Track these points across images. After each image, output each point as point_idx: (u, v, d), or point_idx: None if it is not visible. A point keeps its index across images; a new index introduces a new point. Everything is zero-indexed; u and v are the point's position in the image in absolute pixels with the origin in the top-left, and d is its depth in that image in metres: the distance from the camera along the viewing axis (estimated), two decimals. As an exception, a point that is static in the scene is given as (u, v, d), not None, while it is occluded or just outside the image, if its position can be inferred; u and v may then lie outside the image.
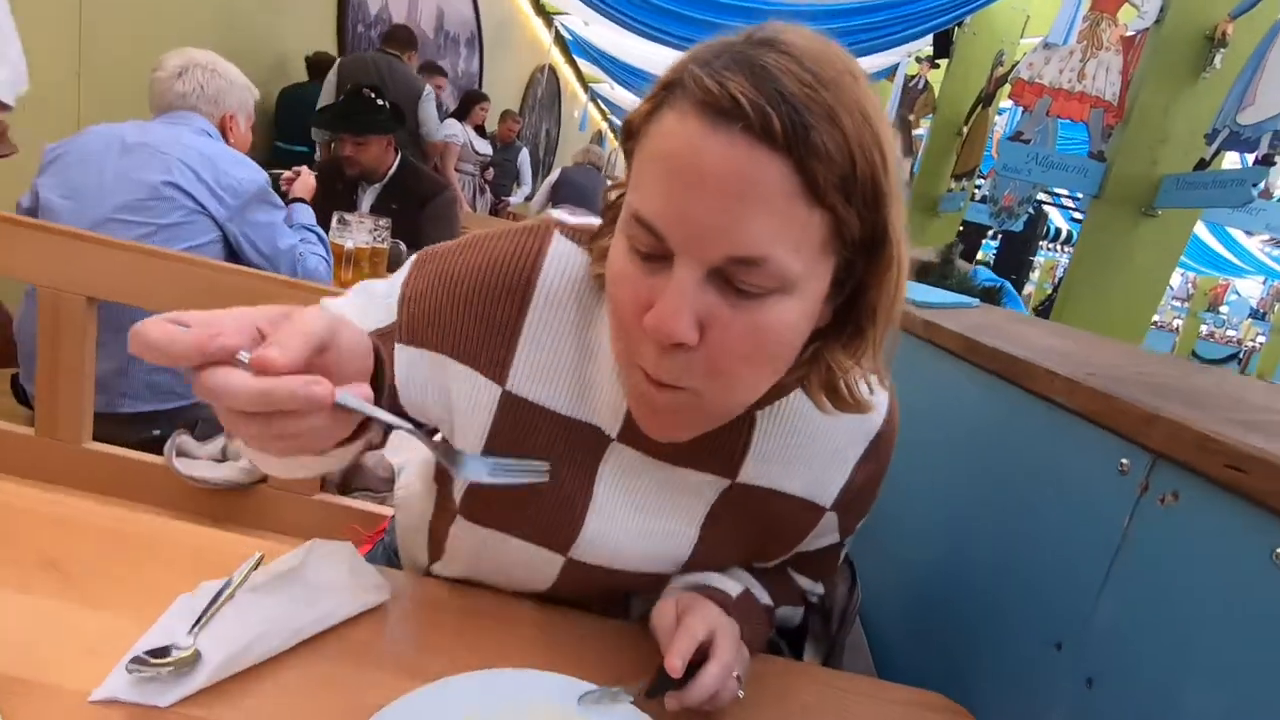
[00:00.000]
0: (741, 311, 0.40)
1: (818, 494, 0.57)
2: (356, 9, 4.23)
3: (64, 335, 1.02)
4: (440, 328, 0.52)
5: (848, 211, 0.39)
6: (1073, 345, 0.70)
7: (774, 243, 0.38)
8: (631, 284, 0.41)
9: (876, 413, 0.56)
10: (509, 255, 0.52)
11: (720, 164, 0.37)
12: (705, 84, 0.37)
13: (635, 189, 0.41)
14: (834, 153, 0.37)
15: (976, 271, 1.86)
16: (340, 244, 1.62)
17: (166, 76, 1.34)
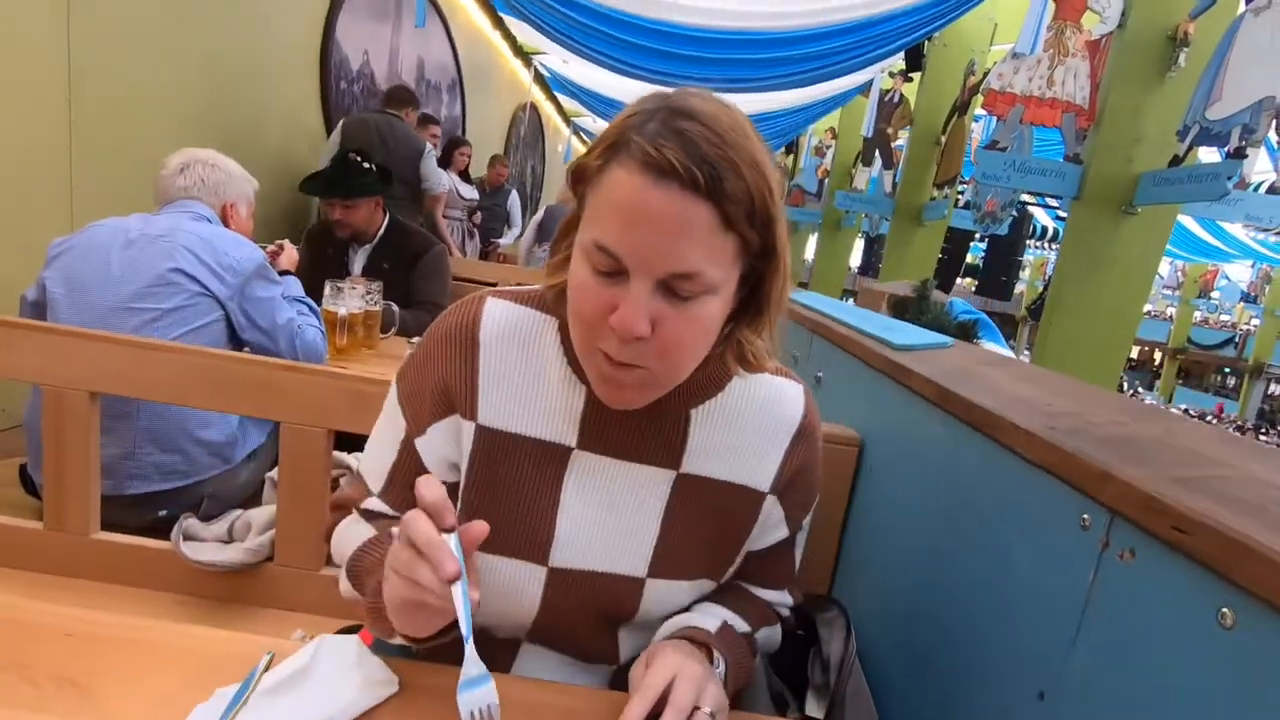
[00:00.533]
0: (681, 310, 0.54)
1: (756, 480, 0.67)
2: (339, 66, 4.33)
3: (68, 430, 1.05)
4: (430, 400, 0.65)
5: (750, 234, 0.54)
6: (1038, 391, 0.73)
7: (702, 261, 0.53)
8: (595, 294, 0.54)
9: (795, 405, 0.68)
10: (454, 323, 0.66)
11: (662, 208, 0.51)
12: (647, 149, 0.51)
13: (594, 224, 0.54)
14: (739, 195, 0.52)
15: (953, 304, 1.89)
16: (334, 311, 1.65)
17: (169, 173, 1.43)
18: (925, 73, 6.70)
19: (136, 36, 2.46)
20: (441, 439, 0.66)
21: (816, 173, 9.40)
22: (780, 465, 0.67)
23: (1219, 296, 18.08)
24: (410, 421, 0.67)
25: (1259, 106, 3.73)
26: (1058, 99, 4.70)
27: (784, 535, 0.71)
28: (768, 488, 0.67)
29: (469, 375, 0.64)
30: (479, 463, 0.64)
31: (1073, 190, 4.49)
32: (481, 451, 0.64)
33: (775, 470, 0.67)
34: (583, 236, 0.56)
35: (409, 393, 0.67)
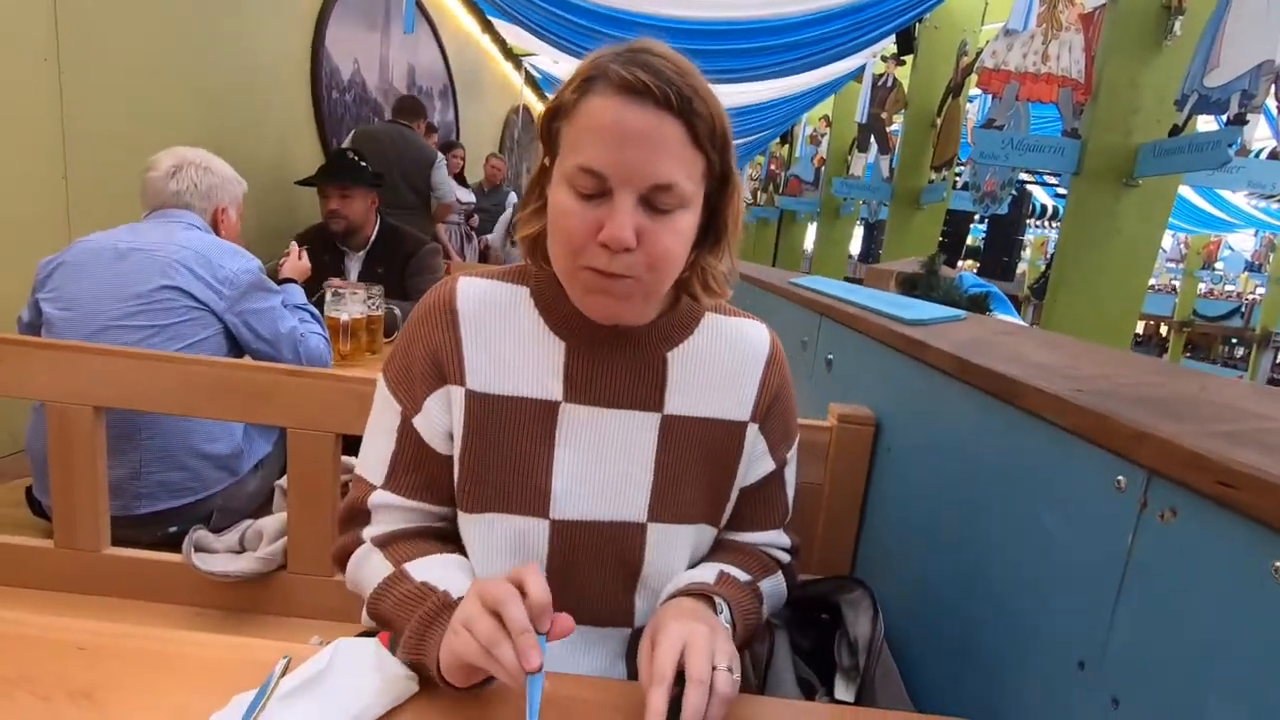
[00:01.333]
0: (661, 222, 0.59)
1: (735, 412, 0.71)
2: (330, 76, 4.32)
3: (75, 447, 1.04)
4: (420, 374, 0.68)
5: (713, 154, 0.61)
6: (1061, 357, 0.71)
7: (677, 173, 0.58)
8: (579, 215, 0.58)
9: (762, 338, 0.74)
10: (430, 302, 0.70)
11: (641, 125, 0.57)
12: (622, 74, 0.57)
13: (575, 150, 0.59)
14: (704, 115, 0.59)
15: (962, 278, 1.86)
16: (336, 317, 1.64)
17: (160, 176, 1.38)
18: (917, 55, 6.65)
19: (127, 54, 2.46)
20: (438, 410, 0.68)
21: (812, 161, 9.36)
22: (757, 394, 0.71)
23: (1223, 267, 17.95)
24: (405, 402, 0.69)
25: (1258, 71, 3.69)
26: (1053, 74, 4.66)
27: (771, 468, 0.74)
28: (749, 416, 0.71)
29: (453, 344, 0.67)
30: (472, 428, 0.67)
31: (1072, 165, 4.45)
32: (473, 417, 0.67)
33: (753, 399, 0.71)
34: (563, 165, 0.60)
35: (398, 377, 0.70)
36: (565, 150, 0.60)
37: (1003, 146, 4.68)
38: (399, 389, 0.69)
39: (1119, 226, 4.32)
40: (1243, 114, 3.75)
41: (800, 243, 11.26)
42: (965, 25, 6.40)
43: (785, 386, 0.74)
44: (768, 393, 0.72)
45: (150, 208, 1.38)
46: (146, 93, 2.56)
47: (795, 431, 0.77)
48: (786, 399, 0.75)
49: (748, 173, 12.86)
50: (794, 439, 0.77)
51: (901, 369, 0.95)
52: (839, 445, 1.01)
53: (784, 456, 0.75)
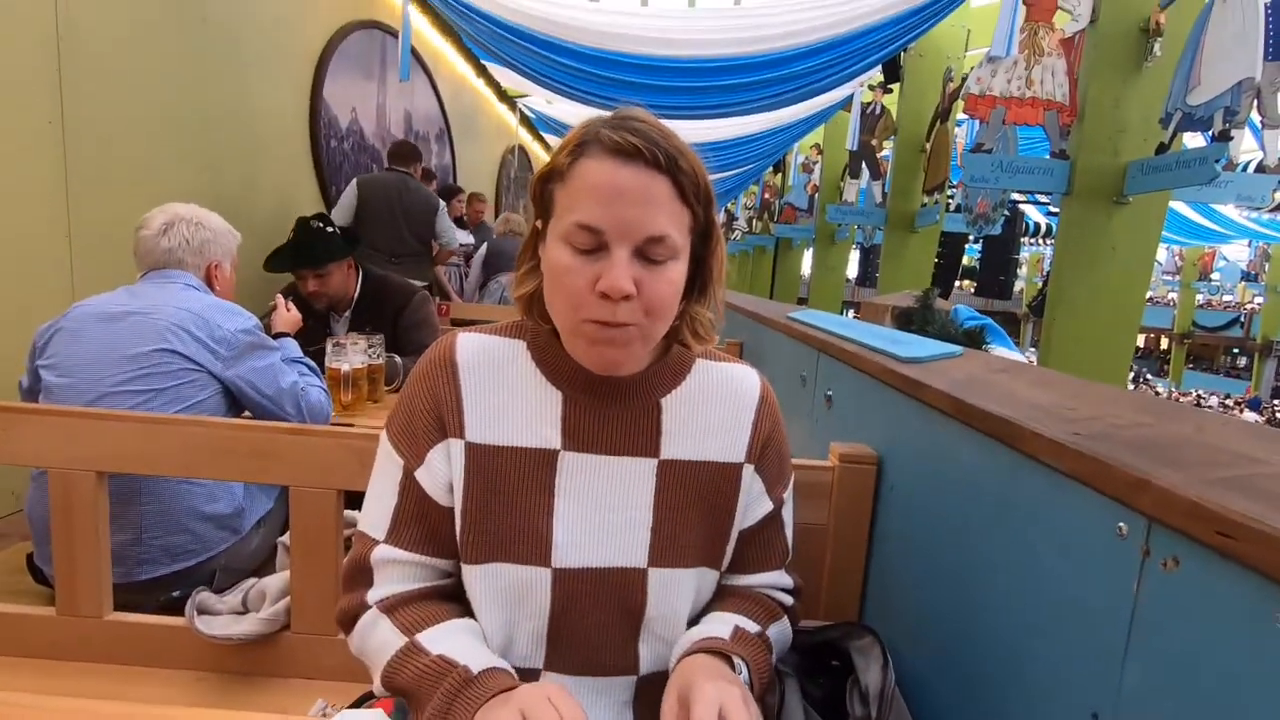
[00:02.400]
0: (654, 272, 0.62)
1: (730, 454, 0.72)
2: (328, 125, 4.41)
3: (77, 513, 1.04)
4: (423, 428, 0.69)
5: (698, 208, 0.65)
6: (1056, 396, 0.71)
7: (668, 226, 0.62)
8: (578, 271, 0.62)
9: (752, 382, 0.76)
10: (431, 358, 0.72)
11: (634, 183, 0.61)
12: (613, 138, 0.62)
13: (571, 210, 0.62)
14: (689, 173, 0.63)
15: (957, 311, 1.87)
16: (337, 368, 1.65)
17: (152, 234, 1.38)
18: (904, 83, 6.78)
19: (129, 110, 2.51)
20: (440, 462, 0.69)
21: (806, 189, 9.47)
22: (750, 435, 0.73)
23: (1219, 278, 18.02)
24: (408, 456, 0.70)
25: (1238, 89, 3.75)
26: (1038, 98, 4.74)
27: (769, 508, 0.75)
28: (743, 457, 0.73)
29: (454, 397, 0.69)
30: (472, 479, 0.68)
31: (1062, 185, 4.51)
32: (473, 468, 0.68)
33: (746, 441, 0.73)
34: (560, 225, 0.63)
35: (401, 432, 0.71)
36: (560, 211, 0.64)
37: (992, 169, 4.74)
38: (401, 443, 0.71)
39: (1112, 243, 4.36)
40: (1227, 130, 3.80)
41: (797, 269, 11.34)
42: (949, 53, 6.54)
43: (778, 428, 0.76)
44: (760, 434, 0.74)
45: (145, 267, 1.38)
46: (148, 148, 2.61)
47: (790, 472, 0.79)
48: (779, 440, 0.77)
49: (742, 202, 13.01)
50: (789, 479, 0.78)
51: (901, 407, 0.95)
52: (841, 485, 1.01)
53: (781, 496, 0.77)
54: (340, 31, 4.40)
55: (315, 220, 2.02)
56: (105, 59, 2.37)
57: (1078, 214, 4.41)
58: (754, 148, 7.94)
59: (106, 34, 2.38)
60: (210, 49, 3.03)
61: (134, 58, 2.53)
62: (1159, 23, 4.20)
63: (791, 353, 1.63)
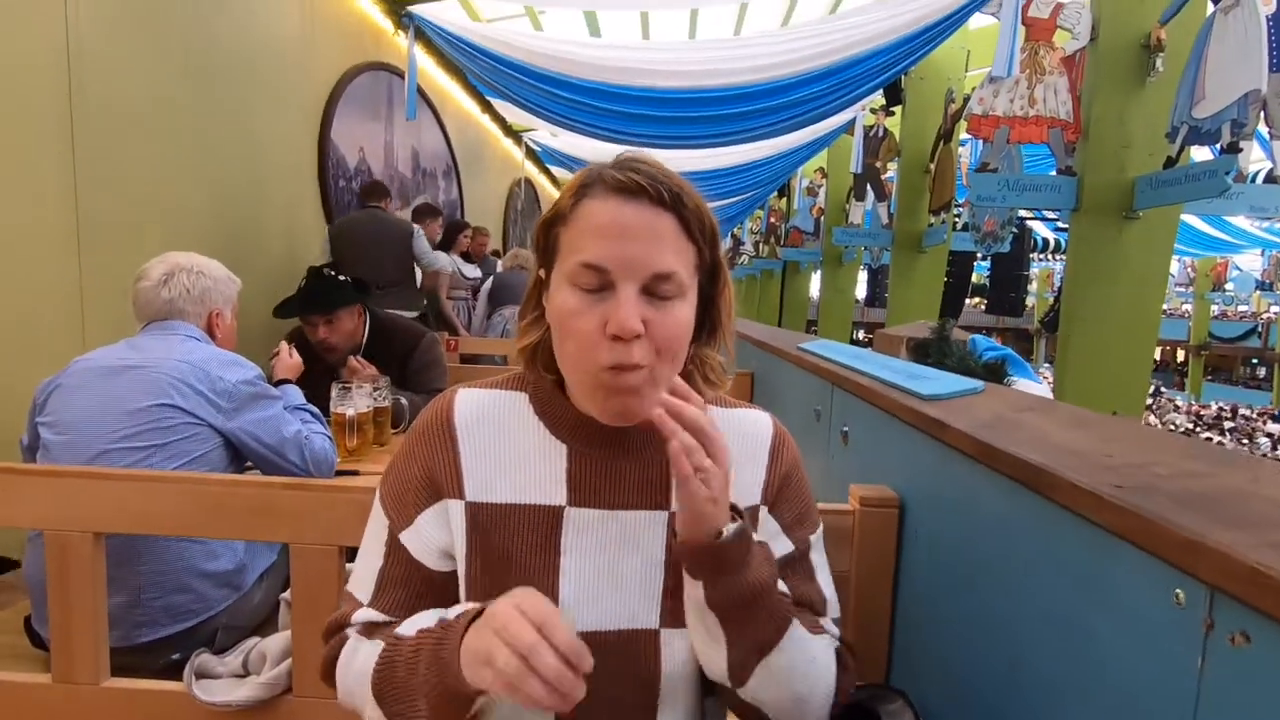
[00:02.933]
0: (663, 310, 0.61)
1: (744, 497, 0.68)
2: (336, 165, 4.46)
3: (73, 575, 1.01)
4: (414, 492, 0.67)
5: (703, 245, 0.64)
6: (1091, 440, 0.67)
7: (674, 262, 0.61)
8: (586, 313, 0.60)
9: (765, 424, 0.73)
10: (428, 419, 0.70)
11: (638, 220, 0.61)
12: (617, 177, 0.61)
13: (576, 251, 0.61)
14: (693, 209, 0.62)
15: (975, 342, 1.82)
16: (342, 412, 1.62)
17: (151, 285, 1.36)
18: (906, 106, 6.82)
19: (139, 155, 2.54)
20: (431, 526, 0.67)
21: (811, 212, 9.49)
22: (765, 477, 0.70)
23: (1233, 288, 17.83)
24: (394, 517, 0.68)
25: (1245, 100, 3.73)
26: (1041, 116, 4.74)
27: (789, 549, 0.70)
28: (759, 499, 0.70)
29: (451, 460, 0.67)
30: (474, 539, 0.66)
31: (1070, 202, 4.48)
32: (475, 527, 0.66)
33: (761, 482, 0.70)
34: (564, 266, 0.62)
35: (391, 492, 0.69)
36: (565, 252, 0.63)
37: (999, 188, 4.73)
38: (389, 503, 0.69)
39: (1125, 258, 4.32)
40: (1235, 142, 3.78)
41: (805, 291, 11.32)
42: (950, 74, 6.57)
43: (796, 469, 0.73)
44: (776, 475, 0.71)
45: (145, 318, 1.36)
46: (157, 194, 2.64)
47: (815, 517, 0.74)
48: (799, 482, 0.73)
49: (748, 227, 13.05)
50: (814, 523, 0.74)
51: (922, 447, 0.91)
52: (863, 530, 0.96)
53: (805, 539, 0.72)
54: (347, 74, 4.48)
55: (326, 269, 2.03)
56: (115, 107, 2.40)
57: (1087, 230, 4.38)
58: (758, 173, 7.99)
59: (116, 83, 2.42)
60: (219, 95, 3.07)
61: (144, 106, 2.57)
62: (1160, 38, 4.20)
63: (804, 386, 1.59)
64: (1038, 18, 4.65)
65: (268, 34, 3.55)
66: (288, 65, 3.77)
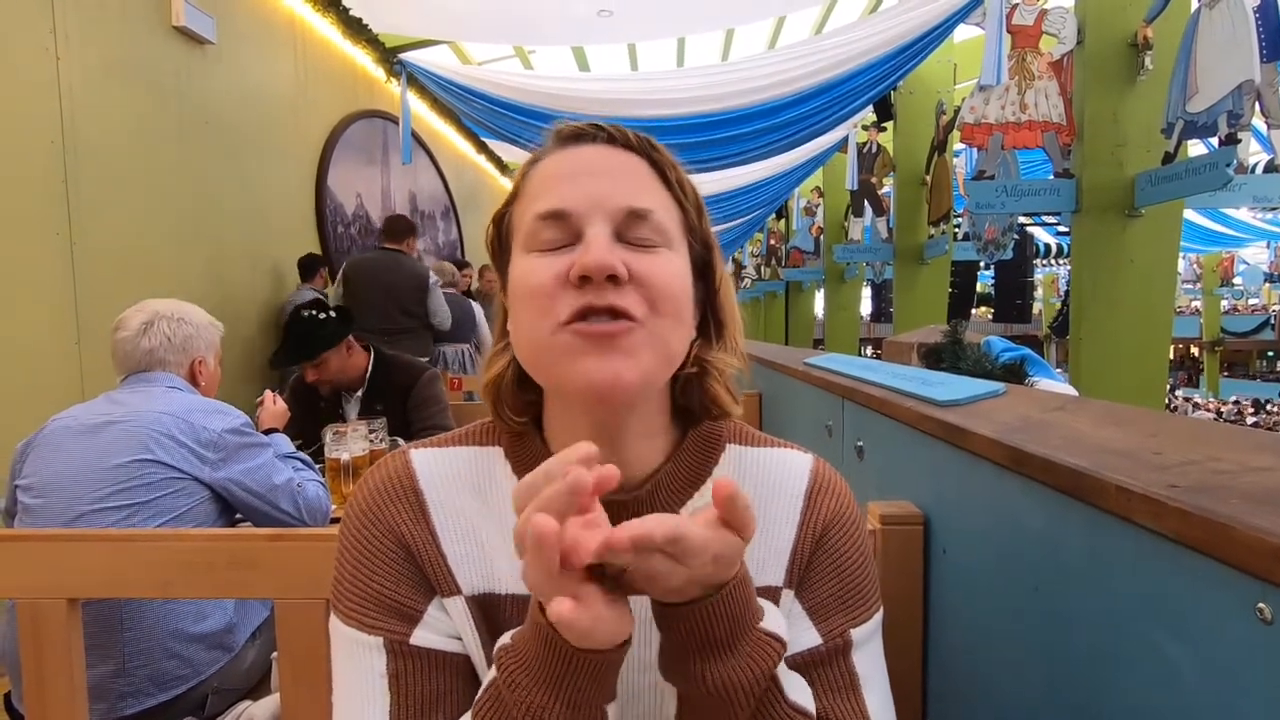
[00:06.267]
0: (645, 257, 0.48)
1: (766, 574, 0.53)
2: (334, 212, 4.49)
3: (47, 647, 0.95)
4: (407, 582, 0.52)
5: (687, 206, 0.52)
6: (1135, 436, 0.61)
7: (652, 201, 0.49)
8: (546, 266, 0.47)
9: (798, 472, 0.56)
10: (380, 481, 0.54)
11: (597, 159, 0.50)
12: (563, 128, 0.52)
13: (529, 211, 0.49)
14: (668, 161, 0.52)
15: (990, 344, 1.76)
16: (337, 458, 1.57)
17: (131, 335, 1.31)
18: (897, 121, 6.86)
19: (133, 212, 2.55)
20: (439, 611, 0.52)
21: (810, 231, 9.51)
22: (792, 545, 0.54)
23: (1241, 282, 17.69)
24: (392, 627, 0.51)
25: (1239, 92, 3.72)
26: (1034, 121, 4.74)
27: (815, 643, 0.52)
28: (782, 579, 0.53)
29: (426, 535, 0.52)
30: (484, 634, 0.53)
31: (1070, 204, 4.46)
32: (483, 622, 0.53)
33: (787, 553, 0.53)
34: (520, 237, 0.50)
35: (369, 599, 0.51)
36: (518, 227, 0.51)
37: (997, 195, 4.71)
38: (370, 616, 0.50)
39: (1131, 256, 4.28)
40: (1233, 134, 3.75)
41: (810, 311, 11.29)
42: (939, 87, 6.62)
43: (839, 529, 0.54)
44: (808, 537, 0.54)
45: (125, 370, 1.32)
46: (154, 250, 2.64)
47: (865, 598, 0.54)
48: (842, 548, 0.54)
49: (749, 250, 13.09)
50: (863, 609, 0.54)
51: (943, 458, 0.84)
52: (886, 551, 0.89)
53: (841, 630, 0.53)
54: (342, 122, 4.53)
55: (308, 309, 1.99)
56: (109, 167, 2.41)
57: (1090, 230, 4.34)
58: (754, 196, 8.02)
59: (110, 142, 2.43)
60: (213, 150, 3.10)
61: (138, 162, 2.59)
62: (1147, 36, 4.21)
63: (814, 402, 1.53)
64: (1022, 25, 4.67)
65: (262, 86, 3.60)
66: (282, 116, 3.81)
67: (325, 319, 1.93)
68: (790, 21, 5.93)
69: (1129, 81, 4.36)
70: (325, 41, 4.28)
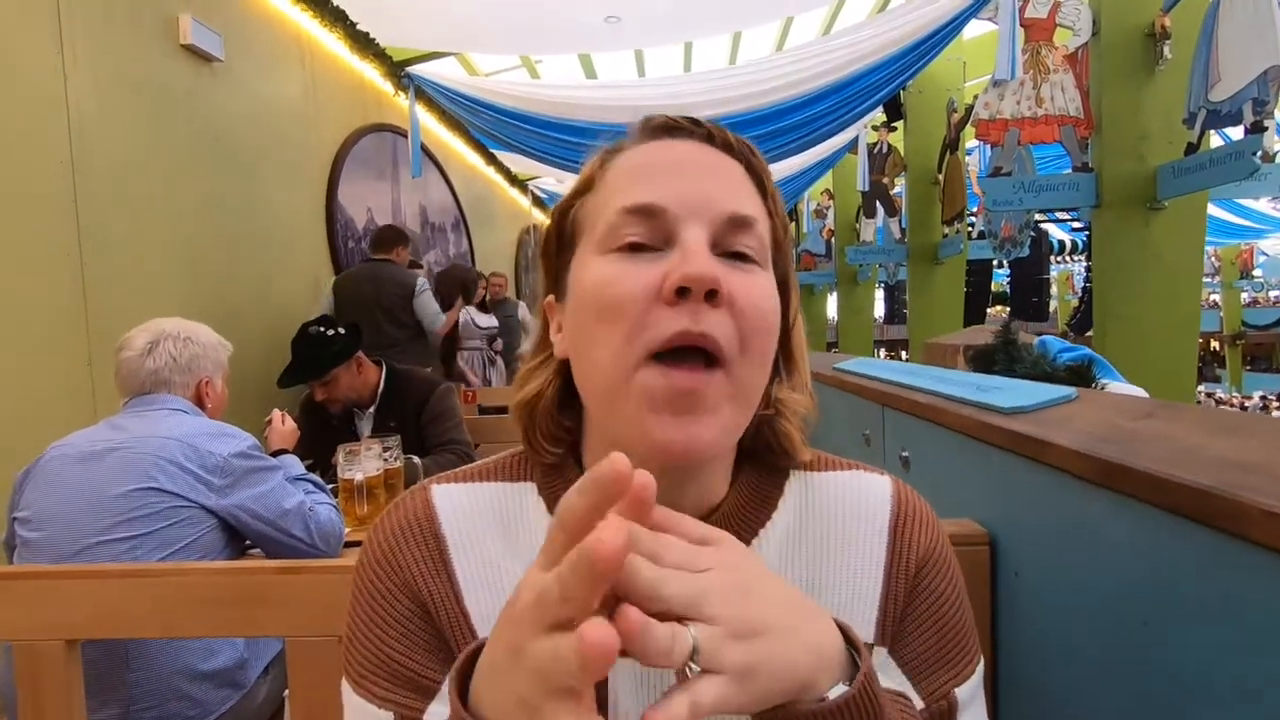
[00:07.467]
0: (742, 275, 0.42)
1: (853, 628, 0.42)
2: (345, 227, 4.46)
3: (45, 689, 0.89)
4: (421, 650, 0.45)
5: (777, 222, 0.46)
6: (1256, 447, 0.53)
7: (754, 210, 0.44)
8: (634, 274, 0.40)
9: (879, 494, 0.49)
10: (400, 521, 0.48)
11: (693, 154, 0.44)
12: (653, 119, 0.46)
13: (610, 206, 0.43)
14: (763, 168, 0.46)
15: (1046, 343, 1.66)
16: (350, 478, 1.51)
17: (135, 355, 1.26)
18: (907, 120, 6.79)
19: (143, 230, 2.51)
20: None
21: (821, 234, 9.43)
22: (882, 593, 0.45)
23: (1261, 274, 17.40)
24: (400, 699, 0.45)
25: (1264, 78, 3.63)
26: (1050, 115, 4.65)
27: (916, 707, 0.46)
28: (873, 634, 0.45)
29: (445, 587, 0.46)
30: None
31: (1091, 199, 4.37)
32: None
33: (876, 600, 0.45)
34: (595, 234, 0.43)
35: (375, 668, 0.46)
36: (591, 224, 0.45)
37: (1014, 191, 4.63)
38: (384, 682, 0.45)
39: (1155, 250, 4.18)
40: (1259, 121, 3.66)
41: (823, 314, 11.19)
42: (948, 85, 6.55)
43: (933, 566, 0.47)
44: (898, 586, 0.46)
45: (129, 392, 1.26)
46: (165, 267, 2.61)
47: (967, 649, 0.47)
48: (939, 593, 0.47)
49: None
50: (964, 663, 0.47)
51: (1010, 471, 0.77)
52: (949, 574, 0.81)
53: (945, 690, 0.46)
54: (351, 137, 4.51)
55: (315, 326, 1.95)
56: (119, 185, 2.38)
57: (1112, 225, 4.25)
58: (764, 200, 7.95)
59: (119, 160, 2.40)
60: (223, 167, 3.07)
61: (147, 180, 2.56)
62: (1164, 25, 4.12)
63: (848, 409, 1.46)
64: (1036, 18, 4.59)
65: (270, 102, 3.57)
66: (292, 131, 3.79)
67: (333, 335, 1.88)
68: (798, 23, 5.87)
69: (1147, 72, 4.28)
70: (333, 56, 4.27)
